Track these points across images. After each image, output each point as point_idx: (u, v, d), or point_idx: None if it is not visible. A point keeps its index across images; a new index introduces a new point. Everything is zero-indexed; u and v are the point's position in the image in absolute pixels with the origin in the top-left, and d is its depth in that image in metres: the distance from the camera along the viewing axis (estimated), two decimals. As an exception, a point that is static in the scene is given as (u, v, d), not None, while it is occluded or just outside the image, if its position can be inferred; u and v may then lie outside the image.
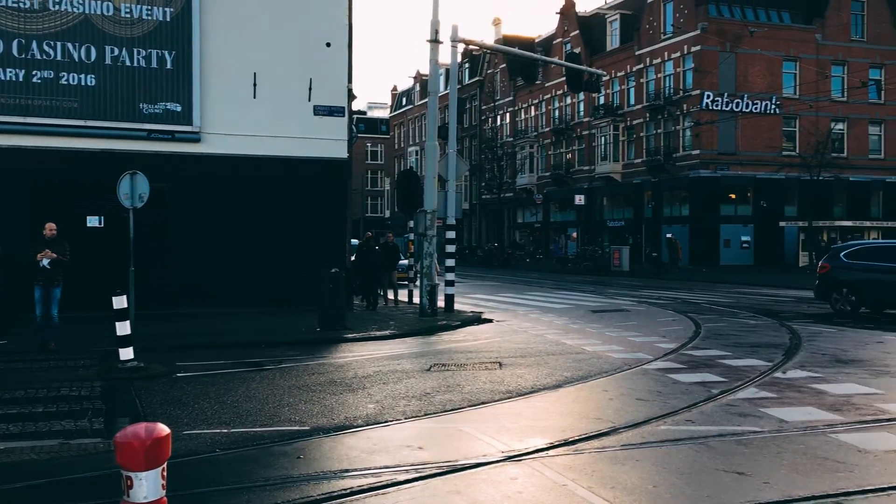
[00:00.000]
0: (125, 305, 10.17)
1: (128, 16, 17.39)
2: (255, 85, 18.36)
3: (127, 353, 10.13)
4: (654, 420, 7.33)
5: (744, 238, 42.61)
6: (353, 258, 19.92)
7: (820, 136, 40.31)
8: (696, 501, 5.17)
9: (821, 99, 42.67)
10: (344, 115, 19.05)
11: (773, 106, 42.62)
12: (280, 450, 6.50)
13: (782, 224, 42.60)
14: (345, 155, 19.14)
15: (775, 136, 42.93)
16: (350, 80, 19.37)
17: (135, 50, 17.45)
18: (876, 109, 44.67)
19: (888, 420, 7.30)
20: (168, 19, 17.69)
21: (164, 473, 3.12)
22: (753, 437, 6.70)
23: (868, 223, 43.87)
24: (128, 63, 17.40)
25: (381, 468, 5.88)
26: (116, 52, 17.33)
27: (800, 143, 42.45)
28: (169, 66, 17.68)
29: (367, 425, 7.29)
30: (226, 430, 7.13)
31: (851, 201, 44.16)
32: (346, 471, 5.85)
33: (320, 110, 18.76)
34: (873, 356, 11.28)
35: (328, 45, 18.79)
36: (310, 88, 18.65)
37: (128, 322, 10.19)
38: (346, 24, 19.14)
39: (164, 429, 3.14)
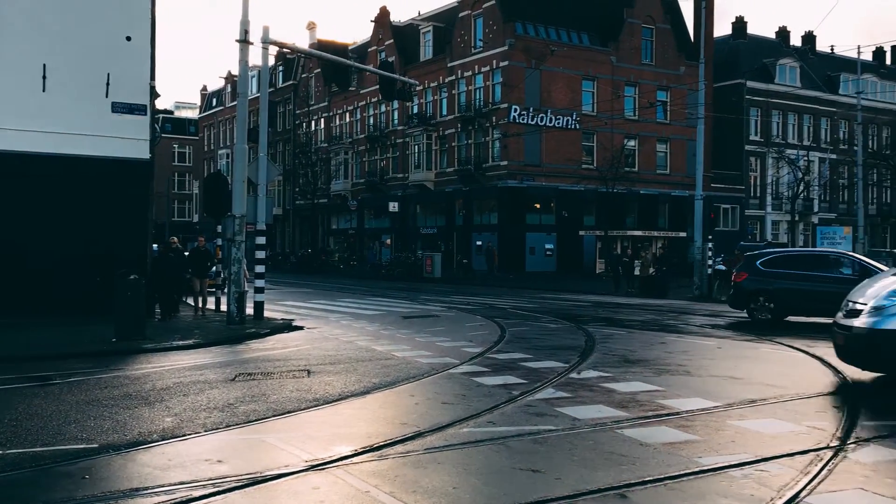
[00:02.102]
0: None
1: None
2: (44, 77, 17.01)
3: None
4: (458, 423, 7.51)
5: (547, 246, 44.90)
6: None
7: (615, 152, 43.33)
8: (493, 500, 5.35)
9: (615, 117, 45.88)
10: (146, 114, 18.09)
11: (574, 122, 45.31)
12: (63, 470, 6.02)
13: (582, 233, 45.33)
14: (147, 155, 18.17)
15: (576, 150, 45.63)
16: (153, 77, 18.44)
17: None
18: (662, 129, 48.65)
19: (667, 415, 7.93)
20: (-59, -1, 16.00)
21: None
22: (548, 435, 7.04)
23: (656, 233, 47.65)
24: None
25: (175, 485, 5.60)
26: None
27: (597, 157, 45.38)
28: (-58, 51, 15.99)
29: (164, 440, 6.93)
30: (0, 452, 6.51)
31: (642, 212, 47.78)
32: (137, 489, 5.52)
33: (119, 107, 17.70)
34: (657, 356, 12.23)
35: (128, 38, 17.79)
36: (108, 84, 17.56)
37: None
38: (149, 17, 18.21)
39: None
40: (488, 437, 6.96)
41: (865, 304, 9.24)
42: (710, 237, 29.57)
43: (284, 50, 25.86)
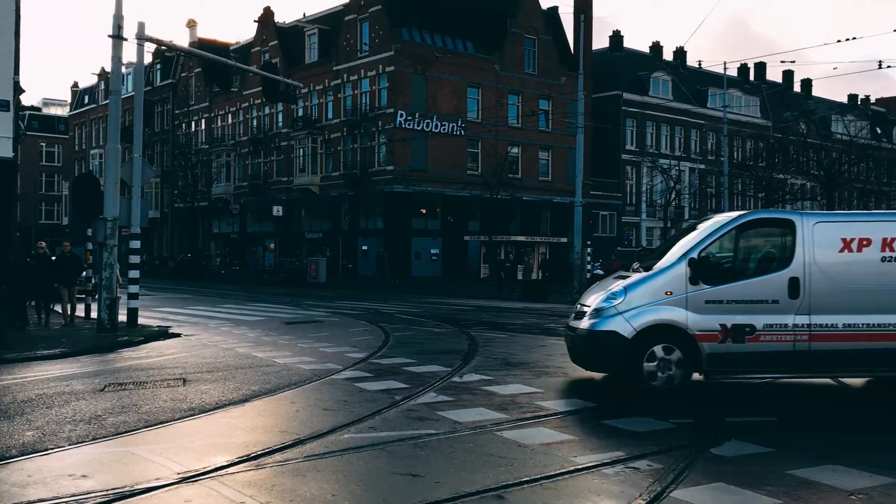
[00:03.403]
0: None
1: None
2: None
3: None
4: (339, 429, 7.42)
5: (433, 251, 45.20)
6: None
7: (499, 159, 44.13)
8: (372, 506, 5.32)
9: (499, 124, 46.74)
10: (8, 110, 17.02)
11: (459, 128, 45.85)
12: None
13: (467, 238, 45.86)
14: (9, 154, 17.11)
15: (461, 157, 46.19)
16: (17, 72, 17.40)
17: None
18: (545, 137, 49.91)
19: (545, 416, 8.12)
20: None
21: None
22: (429, 439, 7.07)
23: (538, 238, 48.76)
24: None
25: (34, 502, 5.27)
26: None
27: (482, 163, 46.07)
28: None
29: (23, 455, 6.52)
30: None
31: (525, 218, 48.78)
32: (-9, 510, 5.17)
33: (-22, 102, 16.58)
34: (537, 359, 12.49)
35: (-11, 29, 16.70)
36: (-34, 77, 16.42)
37: None
38: (13, 7, 17.17)
39: None
40: (369, 443, 6.92)
41: (589, 307, 9.70)
42: (589, 242, 30.56)
43: (162, 47, 24.99)
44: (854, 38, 30.08)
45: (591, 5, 50.43)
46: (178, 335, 15.94)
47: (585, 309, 9.76)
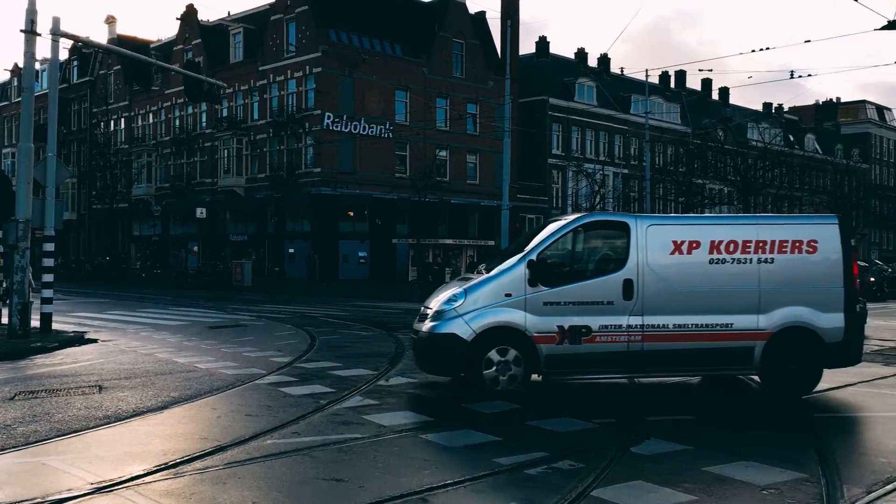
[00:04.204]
0: None
1: None
2: None
3: None
4: (262, 435, 7.30)
5: (361, 254, 44.96)
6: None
7: (427, 162, 44.18)
8: (295, 513, 5.25)
9: (427, 127, 46.79)
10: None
11: (387, 131, 45.75)
12: None
13: (395, 241, 45.77)
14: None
15: (389, 159, 46.09)
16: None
17: None
18: (472, 140, 50.21)
19: (470, 418, 8.14)
20: None
21: None
22: (354, 443, 7.02)
23: (466, 241, 49.02)
24: None
25: (-65, 519, 5.03)
26: None
27: (410, 166, 46.05)
28: None
29: (-76, 469, 6.21)
30: None
31: (453, 221, 48.96)
32: None
33: None
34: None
35: None
36: None
37: None
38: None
39: None
40: (292, 449, 6.83)
41: (431, 309, 9.76)
42: (515, 245, 30.78)
43: (79, 44, 24.23)
44: (767, 49, 31.06)
45: (518, 11, 50.98)
46: (94, 341, 15.43)
47: (428, 311, 9.69)
